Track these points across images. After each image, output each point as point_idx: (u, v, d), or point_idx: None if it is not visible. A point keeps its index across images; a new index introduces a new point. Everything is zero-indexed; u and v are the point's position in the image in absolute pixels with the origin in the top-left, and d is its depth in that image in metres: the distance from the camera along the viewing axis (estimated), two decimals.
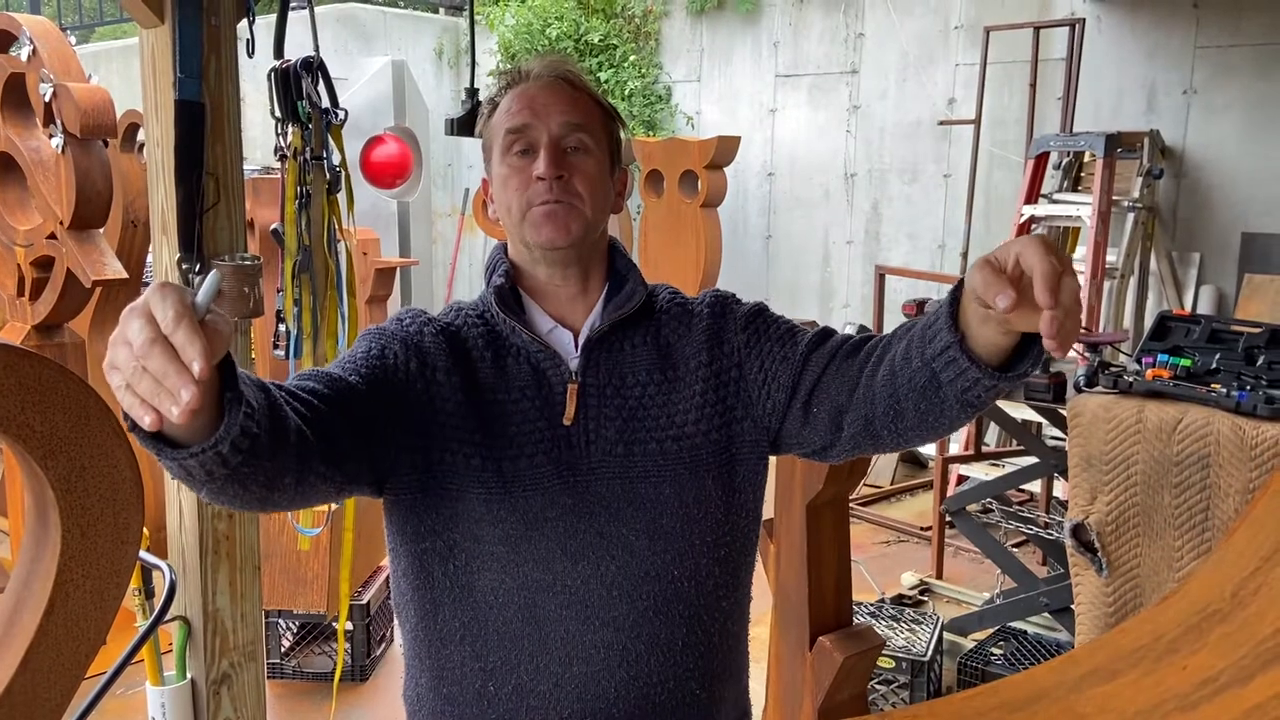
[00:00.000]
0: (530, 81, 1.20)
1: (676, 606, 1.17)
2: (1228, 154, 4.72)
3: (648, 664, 1.16)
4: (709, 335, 1.22)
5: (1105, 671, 0.90)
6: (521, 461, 1.15)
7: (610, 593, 1.15)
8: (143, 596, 1.98)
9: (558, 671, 1.15)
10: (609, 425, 1.17)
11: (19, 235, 3.21)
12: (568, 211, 1.16)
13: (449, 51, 7.64)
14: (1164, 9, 4.83)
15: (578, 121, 1.17)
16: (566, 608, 1.15)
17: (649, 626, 1.16)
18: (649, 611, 1.16)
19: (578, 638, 1.15)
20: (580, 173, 1.17)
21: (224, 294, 1.88)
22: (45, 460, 1.17)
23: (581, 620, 1.15)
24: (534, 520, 1.15)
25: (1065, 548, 2.57)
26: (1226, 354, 2.41)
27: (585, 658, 1.15)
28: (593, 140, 1.18)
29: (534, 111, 1.17)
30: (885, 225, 5.88)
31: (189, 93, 1.83)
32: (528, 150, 1.17)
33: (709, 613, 1.20)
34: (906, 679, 2.98)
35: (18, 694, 1.19)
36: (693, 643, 1.18)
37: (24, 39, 2.98)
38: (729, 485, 1.20)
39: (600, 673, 1.15)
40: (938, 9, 5.57)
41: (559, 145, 1.16)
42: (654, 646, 1.16)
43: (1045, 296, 0.84)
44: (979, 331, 0.95)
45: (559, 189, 1.15)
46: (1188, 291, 4.81)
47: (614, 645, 1.15)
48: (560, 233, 1.16)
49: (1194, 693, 0.82)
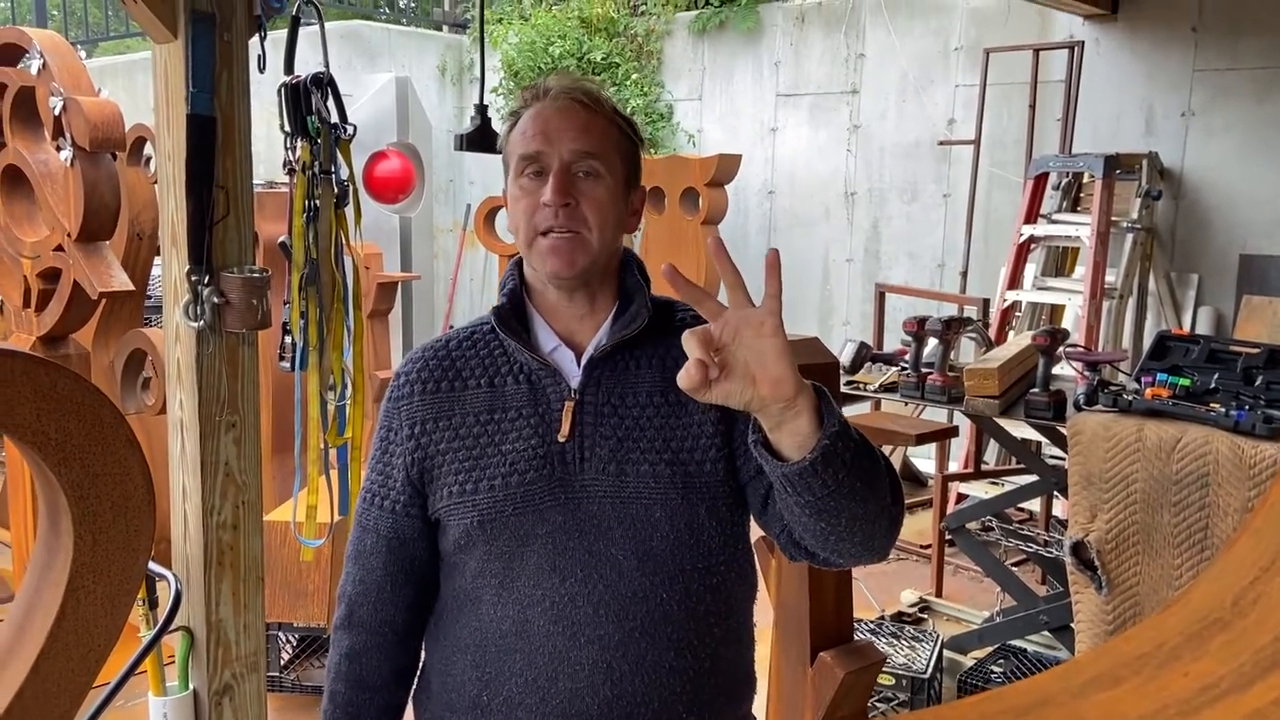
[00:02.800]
0: (547, 101, 1.21)
1: (664, 629, 1.18)
2: (1226, 176, 4.75)
3: (632, 684, 1.17)
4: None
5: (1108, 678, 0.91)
6: (514, 479, 1.17)
7: (597, 611, 1.16)
8: (147, 606, 1.98)
9: (544, 686, 1.17)
10: (603, 444, 1.18)
11: (26, 247, 3.23)
12: (573, 244, 1.17)
13: (452, 69, 7.69)
14: (1163, 32, 4.87)
15: (589, 150, 1.18)
16: (554, 623, 1.17)
17: (635, 647, 1.17)
18: (635, 632, 1.17)
19: (564, 654, 1.17)
20: (589, 199, 1.18)
21: (232, 305, 1.90)
22: (59, 467, 1.19)
23: (568, 636, 1.17)
24: (525, 537, 1.17)
25: (1065, 566, 2.58)
26: (1225, 374, 2.43)
27: (570, 673, 1.17)
28: (605, 165, 1.19)
29: (547, 136, 1.18)
30: (885, 244, 5.91)
31: (201, 106, 1.85)
32: (540, 173, 1.19)
33: (699, 637, 1.20)
34: (906, 696, 2.98)
35: (29, 700, 1.20)
36: (681, 667, 1.18)
37: (34, 53, 3.01)
38: (725, 516, 1.21)
39: (585, 689, 1.17)
40: (938, 30, 5.61)
41: (569, 171, 1.18)
42: (639, 667, 1.17)
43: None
44: (774, 436, 1.03)
45: (565, 216, 1.17)
46: (1186, 312, 4.83)
47: (599, 663, 1.16)
48: (565, 265, 1.18)
49: (1195, 699, 0.83)
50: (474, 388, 1.22)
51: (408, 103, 6.70)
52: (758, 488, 1.19)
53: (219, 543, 1.96)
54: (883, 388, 3.37)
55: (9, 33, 3.21)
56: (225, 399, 1.95)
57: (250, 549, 2.01)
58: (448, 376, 1.24)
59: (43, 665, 1.22)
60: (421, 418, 1.23)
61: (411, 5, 8.59)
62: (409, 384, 1.25)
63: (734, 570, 1.24)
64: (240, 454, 1.98)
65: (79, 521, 1.22)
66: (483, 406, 1.21)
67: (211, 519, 1.94)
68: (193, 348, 1.91)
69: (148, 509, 1.29)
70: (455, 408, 1.22)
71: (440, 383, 1.23)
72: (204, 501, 1.93)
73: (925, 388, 3.14)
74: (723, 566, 1.22)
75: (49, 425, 1.16)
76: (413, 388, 1.25)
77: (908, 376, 3.19)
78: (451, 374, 1.24)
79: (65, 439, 1.18)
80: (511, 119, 1.24)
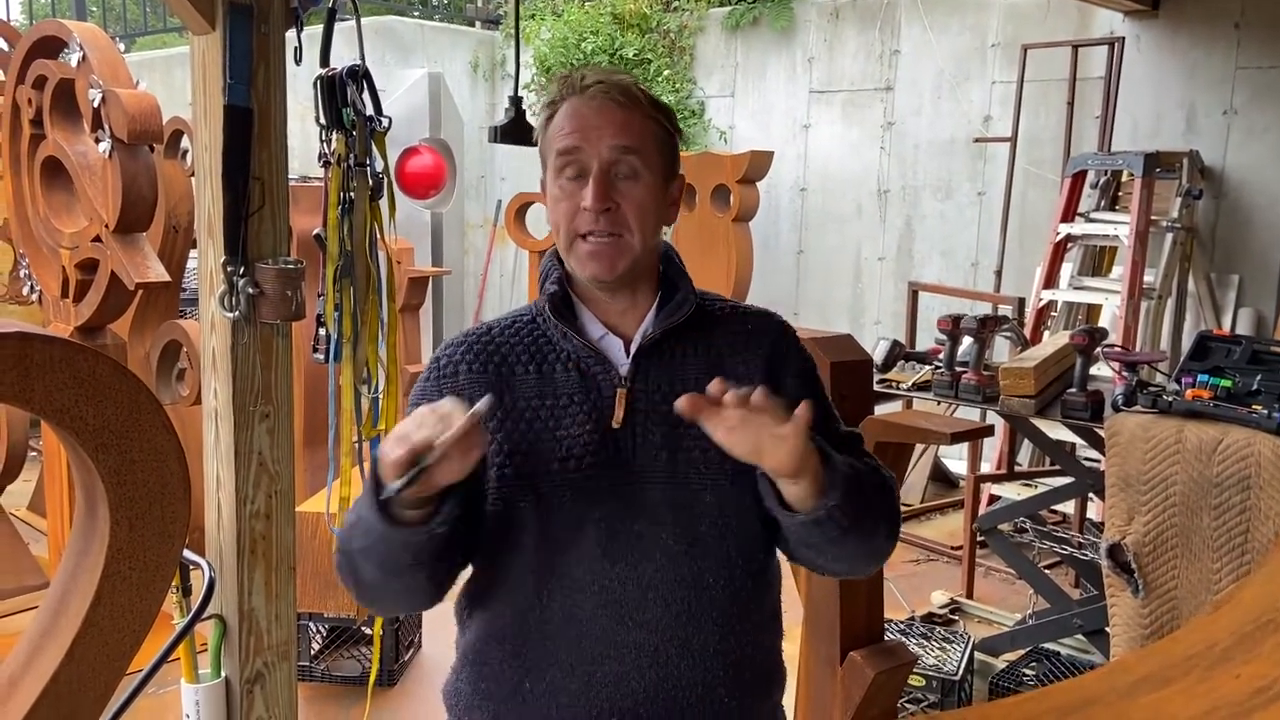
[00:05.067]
0: (582, 96, 1.20)
1: (710, 613, 1.20)
2: (1268, 176, 4.66)
3: (678, 667, 1.18)
4: (768, 359, 1.25)
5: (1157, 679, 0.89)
6: (570, 464, 1.18)
7: (645, 595, 1.18)
8: (180, 594, 2.00)
9: (590, 670, 1.18)
10: (655, 430, 1.19)
11: (64, 238, 3.27)
12: (614, 248, 1.18)
13: (484, 65, 7.71)
14: (1204, 29, 4.79)
15: (629, 145, 1.18)
16: (602, 607, 1.18)
17: (681, 630, 1.18)
18: (682, 616, 1.18)
19: (611, 637, 1.18)
20: (630, 200, 1.18)
21: (267, 296, 1.91)
22: (97, 453, 1.20)
23: (616, 620, 1.18)
24: (577, 521, 1.18)
25: (1100, 569, 2.54)
26: (1268, 375, 2.39)
27: (618, 657, 1.18)
28: (643, 162, 1.19)
29: (584, 134, 1.18)
30: (918, 242, 5.86)
31: (238, 98, 1.86)
32: (579, 175, 1.18)
33: (740, 622, 1.22)
34: (936, 698, 2.95)
35: (64, 683, 1.21)
36: (724, 649, 1.21)
37: (74, 45, 3.04)
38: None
39: (631, 672, 1.18)
40: (975, 27, 5.55)
41: (608, 174, 1.17)
42: (685, 650, 1.19)
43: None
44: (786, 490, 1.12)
45: (606, 221, 1.17)
46: (1226, 313, 4.75)
47: (645, 646, 1.18)
48: (605, 270, 1.19)
49: (1247, 701, 0.81)
50: (522, 374, 1.22)
51: (440, 98, 6.73)
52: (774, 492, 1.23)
53: (252, 532, 1.97)
54: (915, 386, 3.34)
55: (49, 25, 3.25)
56: (260, 389, 1.96)
57: (283, 539, 2.02)
58: (494, 360, 1.23)
59: (78, 650, 1.23)
60: (470, 395, 1.19)
61: (444, 1, 8.62)
62: (453, 364, 1.24)
63: (771, 558, 1.27)
64: (273, 444, 1.98)
65: (115, 508, 1.23)
66: (533, 392, 1.21)
67: (245, 508, 1.95)
68: (228, 338, 1.92)
69: (183, 496, 1.30)
70: (505, 391, 1.21)
71: (487, 365, 1.23)
72: (238, 491, 1.94)
73: (959, 386, 3.10)
74: (762, 554, 1.24)
75: (88, 412, 1.17)
76: (457, 367, 1.24)
77: (941, 375, 3.16)
78: (498, 358, 1.23)
79: (104, 425, 1.19)
80: (548, 110, 1.23)
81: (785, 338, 1.29)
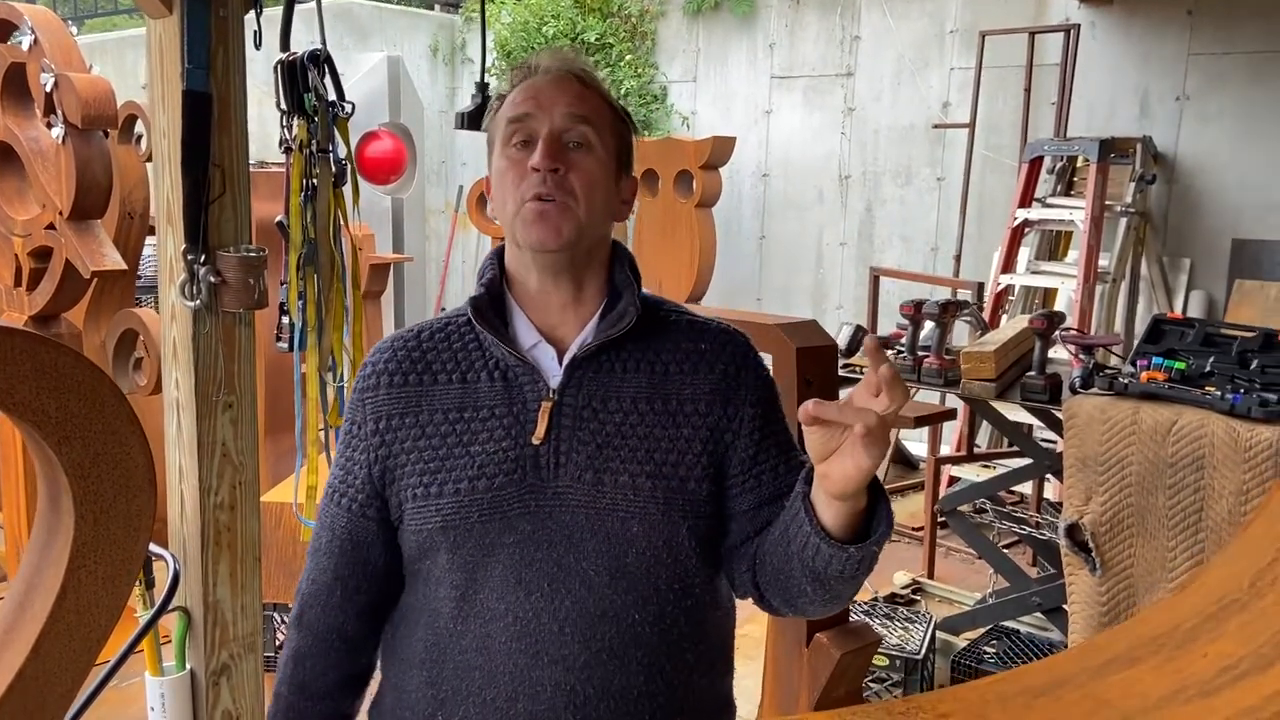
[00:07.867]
0: (539, 75, 1.16)
1: (634, 652, 1.10)
2: (1219, 161, 4.76)
3: (598, 709, 1.09)
4: (720, 387, 1.15)
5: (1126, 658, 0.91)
6: (480, 483, 1.10)
7: (563, 630, 1.08)
8: (144, 586, 1.97)
9: (504, 707, 1.10)
10: (581, 450, 1.10)
11: (17, 225, 3.20)
12: (560, 212, 1.09)
13: (444, 48, 7.64)
14: (1158, 16, 4.87)
15: (583, 114, 1.12)
16: (517, 640, 1.09)
17: (602, 670, 1.09)
18: (603, 654, 1.09)
19: (526, 674, 1.09)
20: (579, 170, 1.11)
21: (229, 284, 1.89)
22: (59, 446, 1.17)
23: (531, 655, 1.09)
24: (490, 546, 1.10)
25: (1058, 548, 2.60)
26: (1220, 357, 2.44)
27: (532, 695, 1.09)
28: (596, 137, 1.13)
29: (538, 103, 1.13)
30: (879, 227, 5.91)
31: (196, 83, 1.83)
32: (528, 141, 1.12)
33: (671, 662, 1.12)
34: (900, 677, 3.00)
35: (30, 680, 1.19)
36: (650, 692, 1.11)
37: (25, 29, 2.97)
38: (706, 538, 1.14)
39: (546, 713, 1.09)
40: (933, 13, 5.60)
41: (559, 139, 1.11)
42: (606, 692, 1.09)
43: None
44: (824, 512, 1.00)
45: (554, 183, 1.10)
46: (1178, 296, 4.85)
47: (562, 686, 1.08)
48: (551, 234, 1.09)
49: (1215, 679, 0.83)
50: (444, 383, 1.14)
51: (399, 82, 6.66)
52: (745, 526, 1.14)
53: (216, 523, 1.95)
54: None
55: (0, 9, 3.17)
56: (222, 379, 1.93)
57: (247, 529, 2.00)
58: (416, 370, 1.16)
59: (43, 645, 1.21)
60: (387, 413, 1.15)
61: None
62: (375, 375, 1.18)
63: (711, 594, 1.17)
64: (237, 434, 1.96)
65: (80, 501, 1.21)
66: (452, 404, 1.13)
67: (209, 499, 1.93)
68: (189, 327, 1.89)
69: (149, 488, 1.28)
70: (423, 404, 1.14)
71: (409, 376, 1.16)
72: (201, 482, 1.91)
73: (921, 371, 3.14)
74: (699, 589, 1.15)
75: (50, 404, 1.15)
76: (379, 380, 1.17)
77: (904, 360, 3.20)
78: (421, 367, 1.16)
79: (66, 418, 1.17)
80: (499, 100, 1.19)
81: (742, 362, 1.18)
